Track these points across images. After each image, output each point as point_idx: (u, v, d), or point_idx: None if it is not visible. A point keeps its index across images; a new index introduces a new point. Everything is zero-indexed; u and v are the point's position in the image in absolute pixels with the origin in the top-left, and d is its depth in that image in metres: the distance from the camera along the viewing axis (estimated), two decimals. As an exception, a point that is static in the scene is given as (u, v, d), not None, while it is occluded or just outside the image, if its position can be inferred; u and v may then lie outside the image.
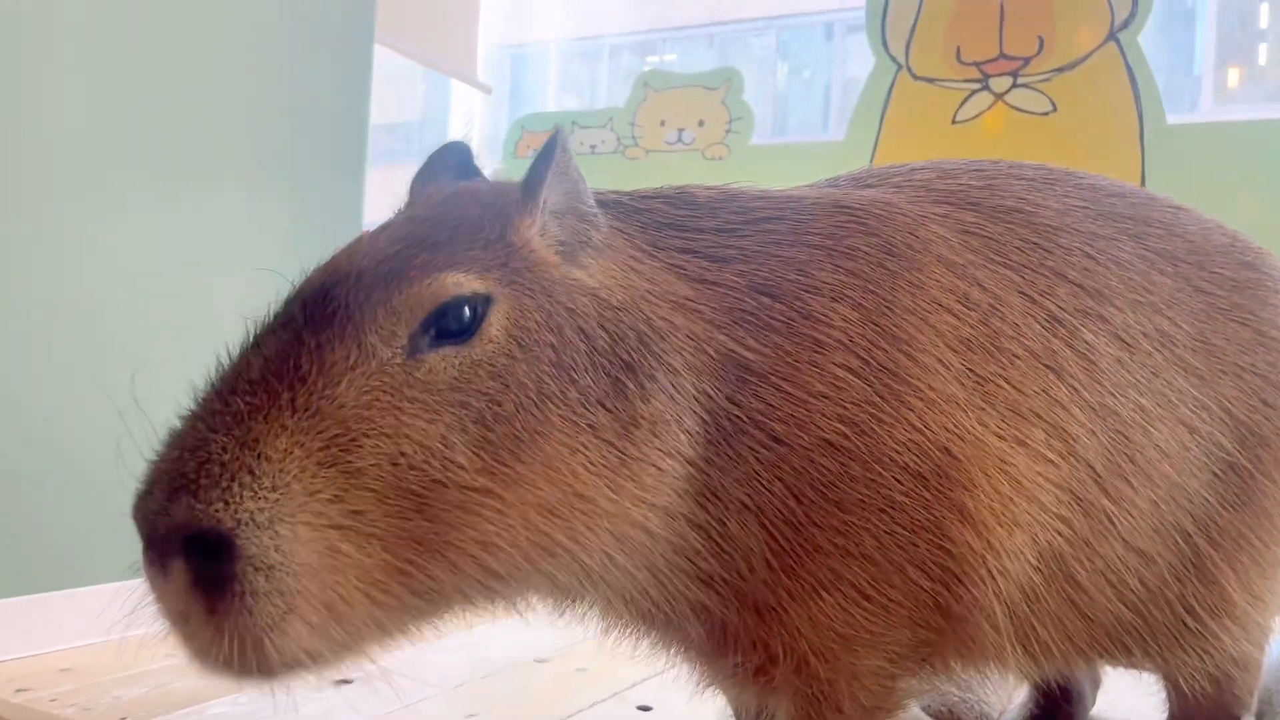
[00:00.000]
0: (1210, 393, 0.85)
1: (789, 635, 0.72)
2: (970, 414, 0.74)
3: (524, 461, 0.63)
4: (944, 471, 0.72)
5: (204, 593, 0.58)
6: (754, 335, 0.72)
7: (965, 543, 0.73)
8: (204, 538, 0.58)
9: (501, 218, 0.69)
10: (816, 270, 0.75)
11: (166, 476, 0.60)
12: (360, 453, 0.60)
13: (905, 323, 0.75)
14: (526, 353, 0.65)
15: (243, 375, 0.63)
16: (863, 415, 0.72)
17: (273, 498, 0.59)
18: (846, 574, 0.72)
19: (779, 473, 0.70)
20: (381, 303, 0.64)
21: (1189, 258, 0.89)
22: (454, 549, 0.62)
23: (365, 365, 0.62)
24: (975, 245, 0.81)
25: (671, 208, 0.78)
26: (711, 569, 0.71)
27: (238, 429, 0.60)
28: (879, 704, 0.76)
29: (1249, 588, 0.86)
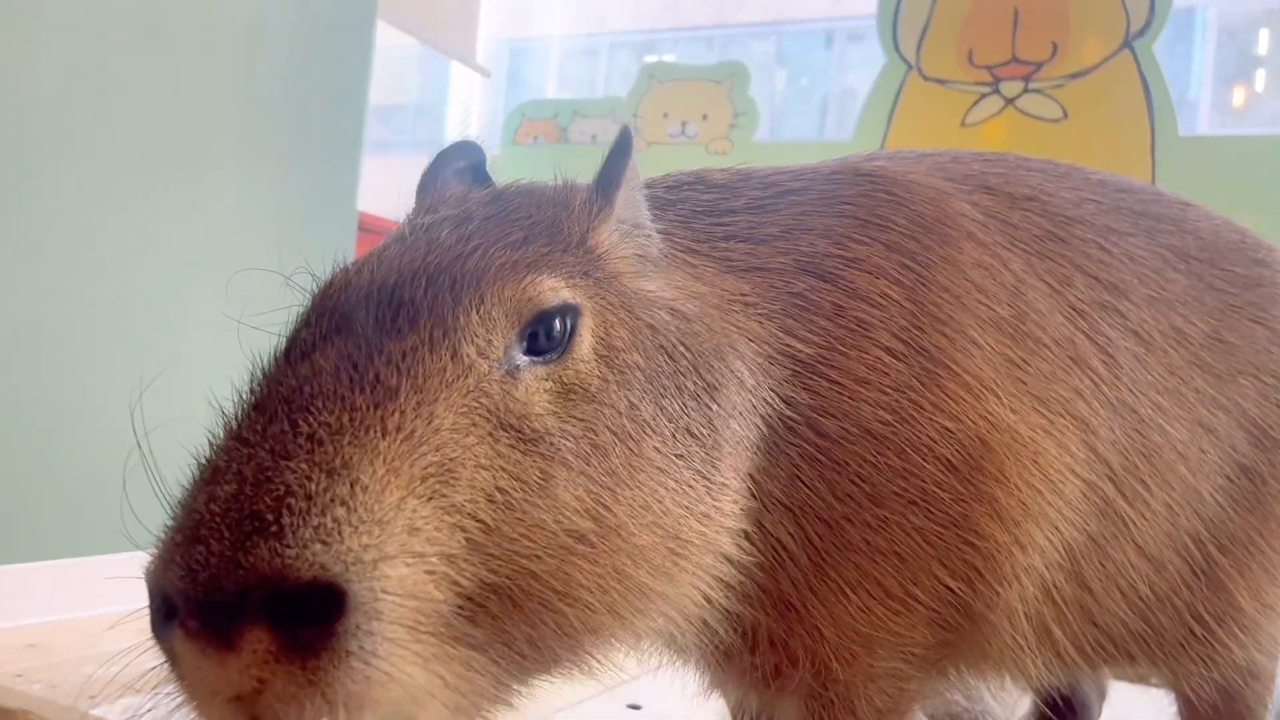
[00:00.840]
0: (1228, 393, 0.82)
1: (810, 636, 0.68)
2: (1004, 400, 0.70)
3: (621, 502, 0.55)
4: (977, 463, 0.68)
5: (295, 662, 0.45)
6: (803, 324, 0.68)
7: (993, 537, 0.69)
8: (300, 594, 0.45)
9: (579, 220, 0.62)
10: (855, 243, 0.72)
11: (228, 519, 0.47)
12: (459, 484, 0.50)
13: (942, 301, 0.71)
14: (617, 375, 0.58)
15: (307, 389, 0.52)
16: (902, 402, 0.68)
17: (375, 532, 0.48)
18: (874, 572, 0.68)
19: (820, 468, 0.66)
20: (474, 306, 0.54)
21: (1200, 254, 0.86)
22: (546, 605, 0.52)
23: (463, 381, 0.53)
24: (996, 228, 0.78)
25: (699, 194, 0.74)
26: (752, 575, 0.65)
27: (319, 453, 0.49)
28: (893, 707, 0.73)
29: (1258, 595, 0.83)
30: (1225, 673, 0.85)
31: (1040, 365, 0.73)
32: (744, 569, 0.64)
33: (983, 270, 0.74)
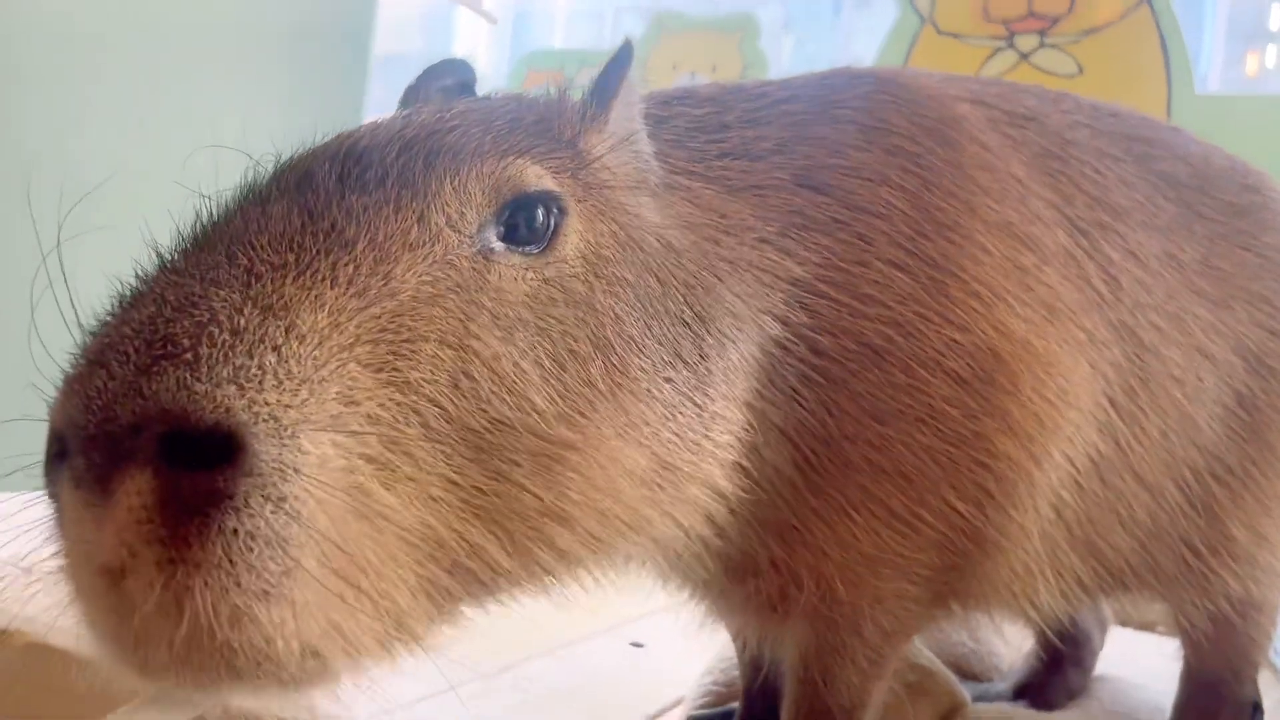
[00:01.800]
0: (1224, 319, 0.81)
1: (814, 558, 0.67)
2: (1015, 309, 0.69)
3: (603, 415, 0.51)
4: (989, 376, 0.67)
5: (175, 528, 0.39)
6: (801, 242, 0.66)
7: (1006, 455, 0.68)
8: (189, 436, 0.40)
9: (570, 123, 0.59)
10: (853, 150, 0.70)
11: (137, 342, 0.42)
12: (416, 361, 0.46)
13: (946, 206, 0.69)
14: (604, 285, 0.55)
15: (255, 228, 0.48)
16: (907, 314, 0.66)
17: (302, 393, 0.42)
18: (878, 492, 0.66)
19: (818, 389, 0.65)
20: (449, 175, 0.51)
21: (1190, 181, 0.85)
22: (516, 518, 0.48)
23: (428, 249, 0.49)
24: (998, 136, 0.77)
25: (690, 108, 0.71)
26: (748, 503, 0.64)
27: (255, 287, 0.44)
28: (898, 629, 0.72)
29: (1252, 526, 0.83)
30: (1220, 604, 0.85)
31: (1050, 274, 0.72)
32: (741, 499, 0.62)
33: (988, 173, 0.72)
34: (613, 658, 1.22)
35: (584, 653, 1.22)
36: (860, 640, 0.70)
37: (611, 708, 1.04)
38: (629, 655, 1.24)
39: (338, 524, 0.41)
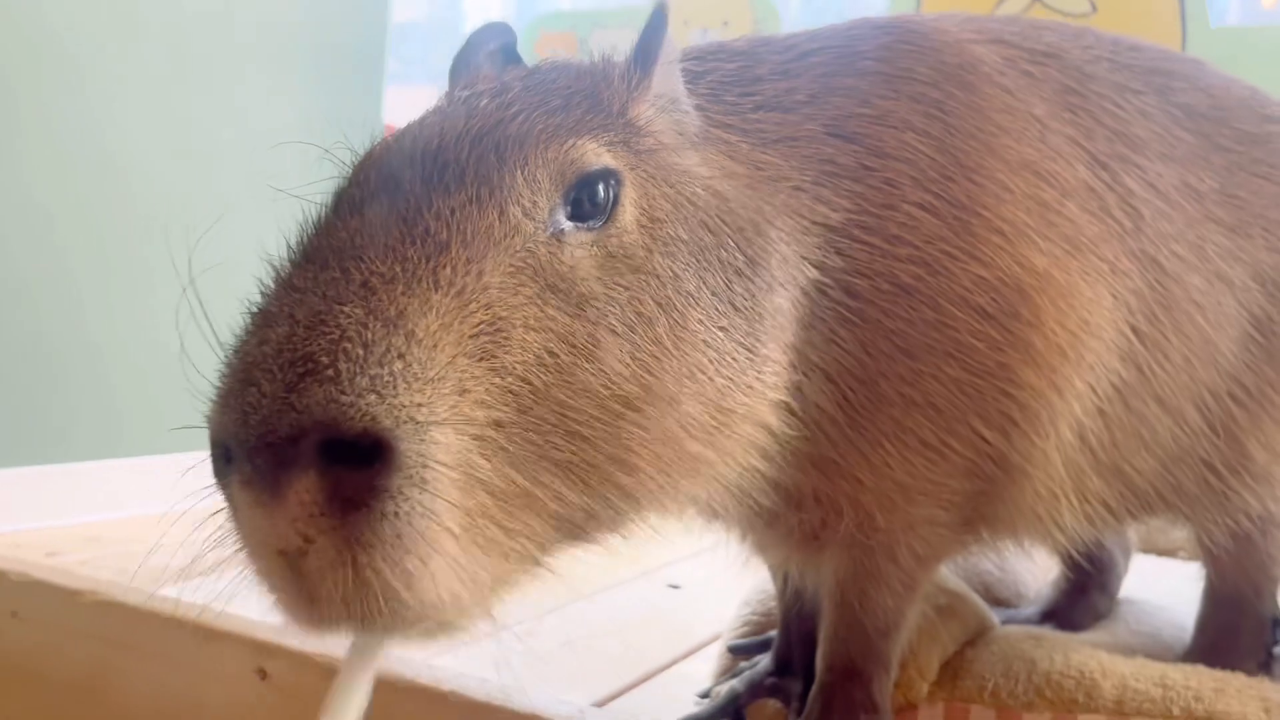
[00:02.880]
0: (1242, 245, 0.83)
1: (852, 488, 0.71)
2: (1037, 244, 0.71)
3: (667, 371, 0.55)
4: (1013, 309, 0.70)
5: (343, 516, 0.46)
6: (833, 189, 0.69)
7: (1029, 385, 0.70)
8: (347, 443, 0.46)
9: (618, 93, 0.62)
10: (879, 99, 0.72)
11: (281, 361, 0.47)
12: (510, 345, 0.51)
13: (969, 148, 0.72)
14: (660, 246, 0.58)
15: (359, 238, 0.52)
16: (934, 253, 0.69)
17: (428, 392, 0.47)
18: (910, 424, 0.69)
19: (853, 328, 0.68)
20: (519, 166, 0.55)
21: (1210, 112, 0.87)
22: (593, 470, 0.53)
23: (510, 241, 0.53)
24: (1017, 75, 0.78)
25: (724, 62, 0.74)
26: (794, 440, 0.67)
27: (373, 300, 0.49)
28: (931, 553, 0.76)
29: (1270, 446, 0.85)
30: (1241, 521, 0.88)
31: (1070, 208, 0.74)
32: (788, 436, 0.66)
33: (1008, 114, 0.75)
34: (651, 599, 1.27)
35: (624, 595, 1.27)
36: (895, 565, 0.74)
37: (649, 644, 1.08)
38: (666, 596, 1.29)
39: (464, 494, 0.48)
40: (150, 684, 1.04)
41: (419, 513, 0.46)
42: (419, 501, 0.46)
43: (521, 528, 0.51)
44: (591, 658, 1.04)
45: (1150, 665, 0.79)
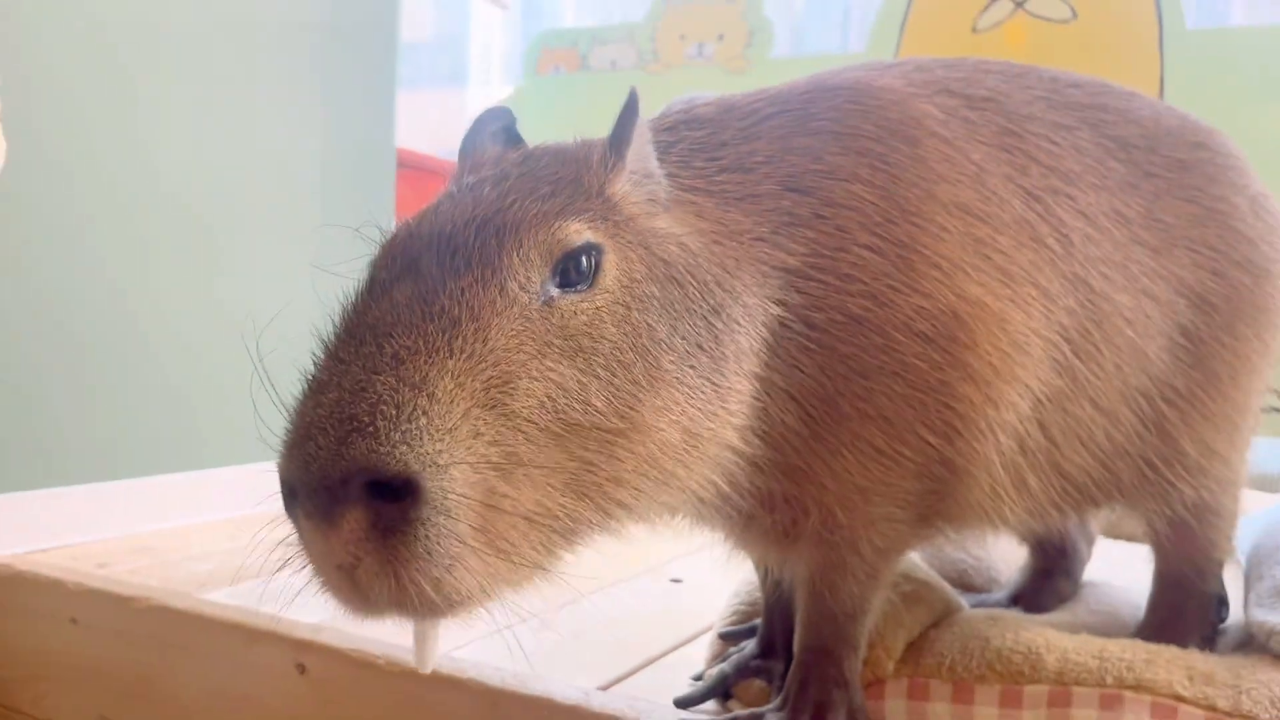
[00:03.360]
0: (1165, 264, 0.92)
1: (816, 491, 0.80)
2: (972, 276, 0.80)
3: (645, 405, 0.67)
4: (950, 334, 0.79)
5: (382, 539, 0.58)
6: (790, 237, 0.79)
7: (967, 398, 0.80)
8: (383, 483, 0.58)
9: (597, 174, 0.73)
10: (829, 156, 0.81)
11: (334, 421, 0.59)
12: (515, 395, 0.62)
13: (910, 195, 0.81)
14: (637, 302, 0.69)
15: (388, 318, 0.64)
16: (881, 288, 0.78)
17: (447, 440, 0.60)
18: (865, 434, 0.79)
19: (813, 355, 0.78)
20: (514, 249, 0.66)
21: (1141, 143, 0.95)
22: (591, 487, 0.65)
23: (510, 311, 0.64)
24: (957, 124, 0.87)
25: (693, 131, 0.84)
26: (761, 454, 0.78)
27: (401, 370, 0.61)
28: (890, 546, 0.84)
29: (1203, 443, 0.94)
30: (1178, 510, 0.98)
31: (1003, 242, 0.84)
32: (757, 448, 0.77)
33: (946, 163, 0.84)
34: (655, 592, 1.37)
35: (630, 589, 1.37)
36: (858, 557, 0.83)
37: (652, 633, 1.18)
38: (669, 590, 1.39)
39: (482, 515, 0.60)
40: (199, 681, 1.14)
41: (444, 534, 0.59)
42: (443, 525, 0.59)
43: (534, 537, 0.63)
44: (599, 647, 1.14)
45: (1092, 640, 0.88)
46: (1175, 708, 0.80)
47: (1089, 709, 0.81)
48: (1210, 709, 0.79)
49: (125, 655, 1.19)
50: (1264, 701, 0.79)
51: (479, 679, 0.97)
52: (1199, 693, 0.80)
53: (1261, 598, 0.95)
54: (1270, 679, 0.81)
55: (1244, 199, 0.98)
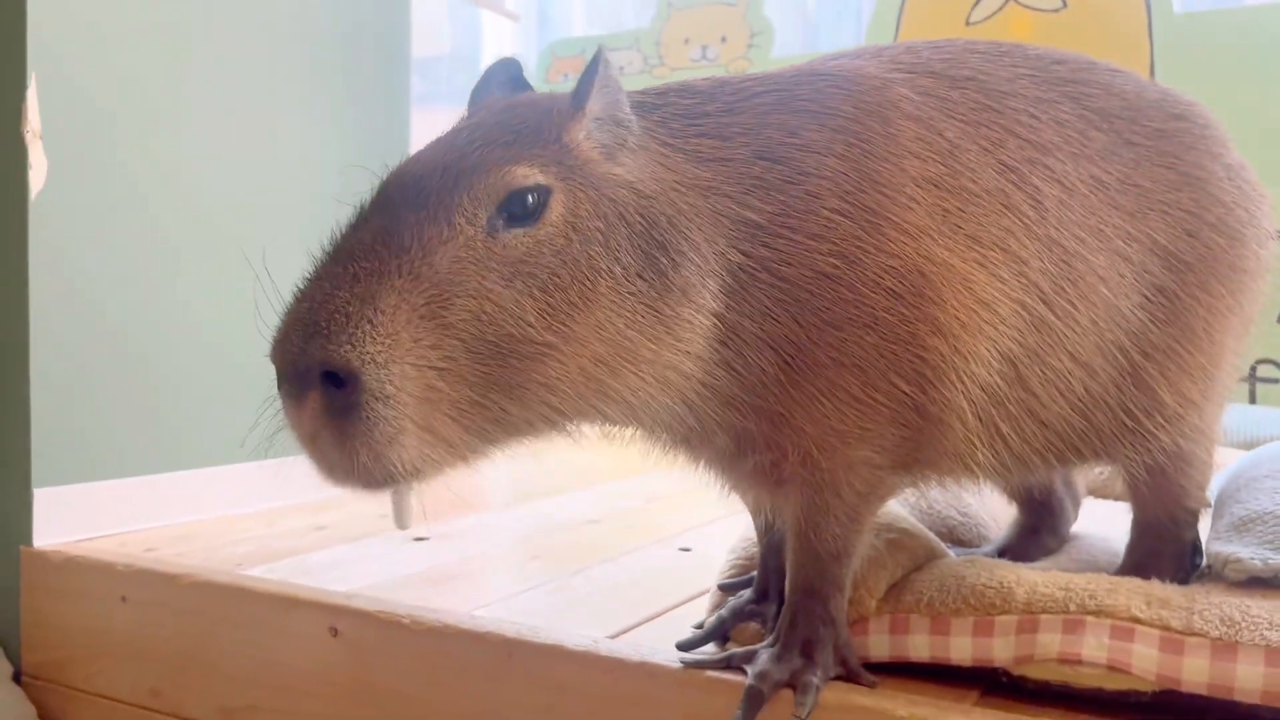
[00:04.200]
0: (1140, 226, 0.98)
1: (796, 435, 0.88)
2: (938, 241, 0.88)
3: (579, 323, 0.78)
4: (918, 290, 0.86)
5: (333, 417, 0.73)
6: (760, 198, 0.87)
7: (936, 349, 0.87)
8: (334, 373, 0.72)
9: (556, 123, 0.83)
10: (806, 131, 0.89)
11: (301, 324, 0.74)
12: (452, 309, 0.75)
13: (882, 168, 0.88)
14: (580, 235, 0.80)
15: (356, 245, 0.77)
16: (850, 248, 0.86)
17: (387, 343, 0.73)
18: (840, 381, 0.86)
19: (785, 305, 0.85)
20: (465, 190, 0.78)
21: (1123, 114, 1.01)
22: (523, 389, 0.77)
23: (454, 240, 0.76)
24: (934, 104, 0.94)
25: (680, 99, 0.92)
26: (734, 393, 0.87)
27: (356, 287, 0.74)
28: (870, 490, 0.91)
29: (1178, 392, 1.00)
30: (1156, 456, 1.04)
31: (973, 211, 0.91)
32: (725, 384, 0.86)
33: (919, 141, 0.91)
34: (664, 560, 1.45)
35: (640, 557, 1.45)
36: (839, 500, 0.90)
37: (661, 593, 1.26)
38: (678, 557, 1.47)
39: (420, 404, 0.74)
40: (241, 650, 1.23)
41: (382, 417, 0.72)
42: (381, 410, 0.72)
43: (469, 425, 0.76)
44: (609, 606, 1.22)
45: (1060, 575, 0.95)
46: (1133, 629, 0.86)
47: (1053, 633, 0.88)
48: (1165, 628, 0.85)
49: (173, 630, 1.28)
50: (1214, 620, 0.85)
51: (495, 631, 1.05)
52: (1155, 615, 0.87)
53: (1220, 533, 1.01)
54: (1222, 601, 0.87)
55: (1220, 166, 1.04)
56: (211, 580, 1.26)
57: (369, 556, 1.45)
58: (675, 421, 0.87)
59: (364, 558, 1.44)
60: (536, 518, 1.75)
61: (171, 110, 1.65)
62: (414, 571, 1.37)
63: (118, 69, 1.58)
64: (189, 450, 1.67)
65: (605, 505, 1.84)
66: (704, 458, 0.96)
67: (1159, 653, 0.85)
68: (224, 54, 1.74)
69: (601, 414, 0.83)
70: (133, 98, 1.60)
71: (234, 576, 1.27)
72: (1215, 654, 0.83)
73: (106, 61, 1.56)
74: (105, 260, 1.55)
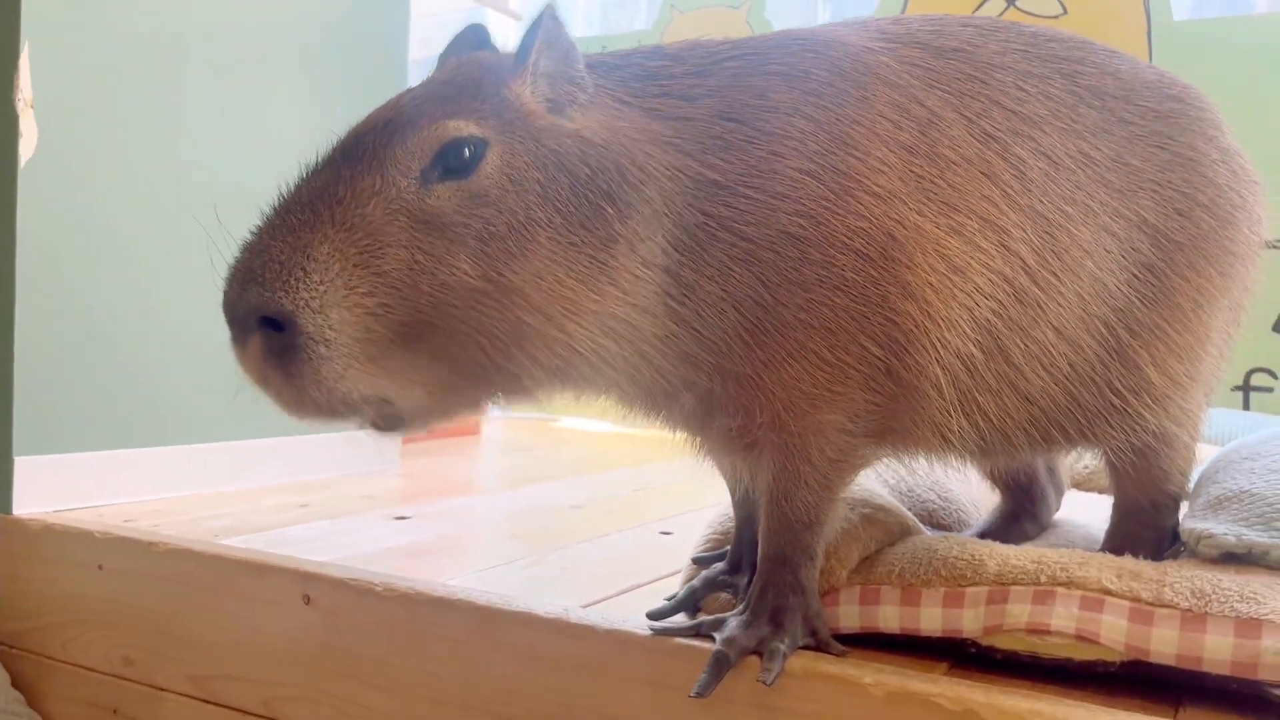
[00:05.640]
0: (1128, 204, 0.97)
1: (764, 397, 0.87)
2: (910, 205, 0.87)
3: (515, 272, 0.79)
4: (888, 253, 0.86)
5: (280, 359, 0.77)
6: (721, 156, 0.86)
7: (907, 313, 0.86)
8: (273, 318, 0.76)
9: (498, 78, 0.84)
10: (775, 94, 0.88)
11: (240, 273, 0.78)
12: (385, 258, 0.77)
13: (853, 131, 0.88)
14: (516, 186, 0.80)
15: (296, 198, 0.80)
16: (817, 209, 0.85)
17: (321, 289, 0.76)
18: (809, 343, 0.86)
19: (748, 265, 0.85)
20: (400, 143, 0.80)
21: (1117, 93, 1.00)
22: (459, 335, 0.78)
23: (387, 192, 0.78)
24: (917, 73, 0.93)
25: (647, 60, 0.91)
26: (693, 350, 0.86)
27: (291, 237, 0.77)
28: (842, 457, 0.90)
29: (1166, 372, 0.98)
30: (1141, 437, 1.02)
31: (950, 178, 0.90)
32: (682, 340, 0.86)
33: (895, 108, 0.90)
34: (643, 542, 1.44)
35: (620, 539, 1.44)
36: (811, 466, 0.89)
37: (635, 572, 1.25)
38: (658, 539, 1.46)
39: (360, 344, 0.77)
40: (215, 618, 1.23)
41: (322, 357, 0.76)
42: (322, 350, 0.76)
43: (413, 361, 0.78)
44: (584, 581, 1.22)
45: (1033, 549, 0.94)
46: (1102, 600, 0.85)
47: (1023, 604, 0.87)
48: (1135, 600, 0.85)
49: (148, 597, 1.28)
50: (1185, 592, 0.84)
51: (468, 599, 1.04)
52: (1125, 587, 0.86)
53: (1195, 512, 1.00)
54: (1194, 574, 0.87)
55: (1215, 149, 1.03)
56: (187, 548, 1.25)
57: (348, 531, 1.44)
58: (634, 375, 0.87)
59: (343, 532, 1.44)
60: (520, 501, 1.75)
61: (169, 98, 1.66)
62: (392, 546, 1.37)
63: (115, 39, 1.58)
64: (172, 426, 1.67)
65: (591, 493, 1.84)
66: (676, 421, 0.95)
67: (1128, 623, 0.84)
68: (221, 51, 1.75)
69: (555, 368, 0.83)
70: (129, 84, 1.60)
71: (209, 545, 1.26)
72: (1184, 625, 0.82)
73: (104, 34, 1.57)
74: (94, 233, 1.55)
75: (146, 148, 1.63)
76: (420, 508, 1.62)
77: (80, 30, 1.52)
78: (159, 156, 1.65)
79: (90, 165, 1.55)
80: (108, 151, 1.57)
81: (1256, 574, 0.87)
